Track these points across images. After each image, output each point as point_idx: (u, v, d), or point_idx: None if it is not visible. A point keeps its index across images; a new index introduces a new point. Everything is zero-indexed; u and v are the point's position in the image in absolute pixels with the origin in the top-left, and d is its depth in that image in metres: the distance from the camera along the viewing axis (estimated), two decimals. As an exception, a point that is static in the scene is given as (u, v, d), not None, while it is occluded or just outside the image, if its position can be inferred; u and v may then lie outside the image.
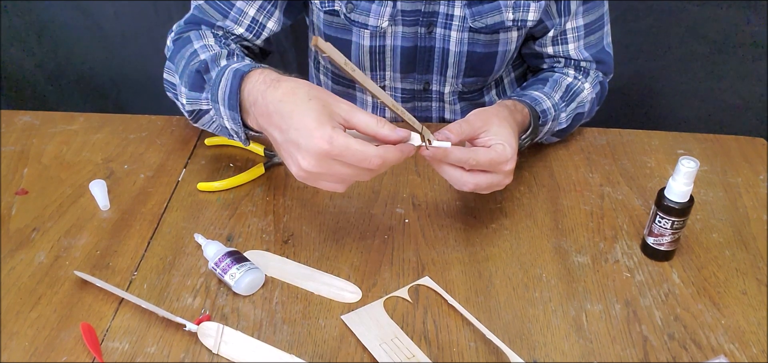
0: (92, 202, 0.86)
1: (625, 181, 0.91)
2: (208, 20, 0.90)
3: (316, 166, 0.64)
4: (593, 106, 0.99)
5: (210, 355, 0.67)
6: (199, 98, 0.81)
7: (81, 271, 0.75)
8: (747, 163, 0.94)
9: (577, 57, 0.97)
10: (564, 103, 0.92)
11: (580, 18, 0.94)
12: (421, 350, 0.67)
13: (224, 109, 0.74)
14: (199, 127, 0.88)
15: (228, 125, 0.75)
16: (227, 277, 0.72)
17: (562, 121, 0.92)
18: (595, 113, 1.01)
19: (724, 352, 0.68)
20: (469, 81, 1.00)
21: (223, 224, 0.83)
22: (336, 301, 0.73)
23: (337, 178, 0.66)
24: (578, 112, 0.95)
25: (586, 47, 0.96)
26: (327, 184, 0.67)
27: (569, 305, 0.73)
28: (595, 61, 0.97)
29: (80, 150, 0.96)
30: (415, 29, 0.94)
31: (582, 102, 0.95)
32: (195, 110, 0.83)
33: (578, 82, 0.96)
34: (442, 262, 0.78)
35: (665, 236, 0.76)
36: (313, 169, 0.64)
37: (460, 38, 0.94)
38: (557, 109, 0.91)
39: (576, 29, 0.95)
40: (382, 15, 0.91)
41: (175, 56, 0.86)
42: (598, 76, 0.98)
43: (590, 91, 0.96)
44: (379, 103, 1.08)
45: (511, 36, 0.95)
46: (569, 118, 0.93)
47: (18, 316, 0.71)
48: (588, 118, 0.99)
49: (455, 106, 1.04)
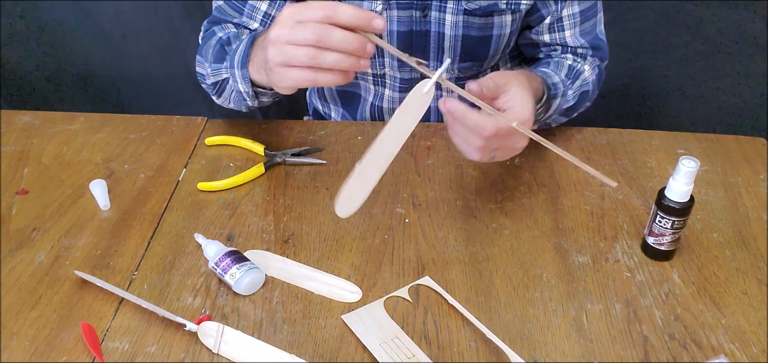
0: (92, 202, 0.86)
1: (626, 181, 0.91)
2: (227, 18, 0.95)
3: (281, 33, 0.67)
4: (595, 88, 1.00)
5: (210, 354, 0.67)
6: (220, 68, 0.88)
7: (81, 270, 0.75)
8: (747, 163, 0.94)
9: (573, 44, 0.98)
10: (570, 81, 0.94)
11: (576, 5, 0.95)
12: (421, 350, 0.67)
13: (238, 70, 0.80)
14: (223, 104, 0.93)
15: (241, 87, 0.81)
16: (227, 276, 0.72)
17: (570, 97, 0.93)
18: (596, 112, 1.01)
19: (724, 352, 0.68)
20: (465, 66, 1.01)
21: (223, 224, 0.83)
22: (336, 301, 0.73)
23: (299, 44, 0.67)
24: (583, 90, 0.96)
25: (581, 34, 0.97)
26: (293, 58, 0.67)
27: (570, 305, 0.73)
28: (591, 47, 0.99)
29: (80, 150, 0.96)
30: (410, 13, 0.95)
31: (585, 80, 0.96)
32: (218, 82, 0.89)
33: (578, 64, 0.97)
34: (442, 261, 0.78)
35: (665, 236, 0.76)
36: (278, 34, 0.67)
37: (455, 21, 0.95)
38: (565, 86, 0.92)
39: (572, 16, 0.96)
40: None
41: (203, 48, 0.93)
42: (595, 61, 1.00)
43: (590, 72, 0.97)
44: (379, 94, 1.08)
45: (506, 20, 0.96)
46: (576, 95, 0.94)
47: (18, 316, 0.71)
48: (590, 102, 1.00)
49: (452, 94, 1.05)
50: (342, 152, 0.95)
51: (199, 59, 0.94)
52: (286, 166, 0.92)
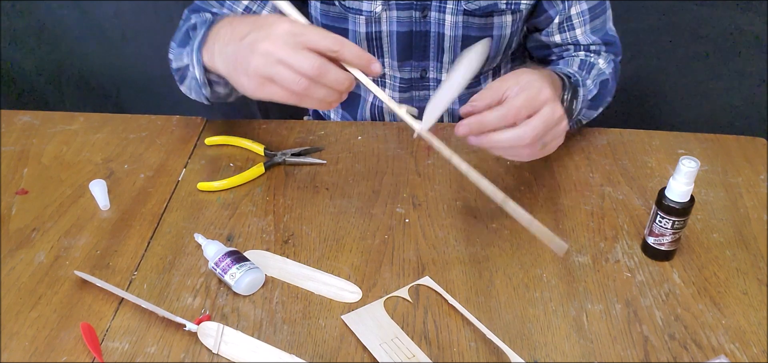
0: (92, 202, 0.86)
1: (626, 181, 0.91)
2: (207, 7, 0.93)
3: (276, 48, 0.64)
4: (613, 80, 0.97)
5: (210, 355, 0.67)
6: (181, 53, 0.83)
7: (81, 271, 0.75)
8: (747, 163, 0.94)
9: (585, 42, 0.97)
10: (585, 72, 0.92)
11: (584, 3, 0.95)
12: (421, 350, 0.67)
13: (196, 54, 0.76)
14: (187, 94, 0.90)
15: (197, 74, 0.77)
16: (227, 277, 0.72)
17: (591, 87, 0.91)
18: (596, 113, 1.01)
19: (724, 352, 0.68)
20: None
21: (223, 224, 0.83)
22: (336, 301, 0.73)
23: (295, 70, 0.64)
24: (602, 79, 0.93)
25: (592, 31, 0.97)
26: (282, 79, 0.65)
27: (570, 305, 0.73)
28: (603, 43, 0.98)
29: (80, 150, 0.96)
30: (409, 13, 0.94)
31: (601, 71, 0.94)
32: (180, 67, 0.85)
33: (590, 58, 0.96)
34: (442, 262, 0.78)
35: (666, 236, 0.75)
36: (274, 50, 0.64)
37: (455, 22, 0.94)
38: (582, 76, 0.90)
39: (581, 14, 0.95)
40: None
41: (176, 33, 0.89)
42: (610, 56, 0.99)
43: (605, 64, 0.95)
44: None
45: (506, 20, 0.96)
46: (595, 83, 0.92)
47: (18, 316, 0.71)
48: (610, 97, 0.98)
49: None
50: (342, 152, 0.95)
51: (171, 45, 0.91)
52: (286, 166, 0.92)
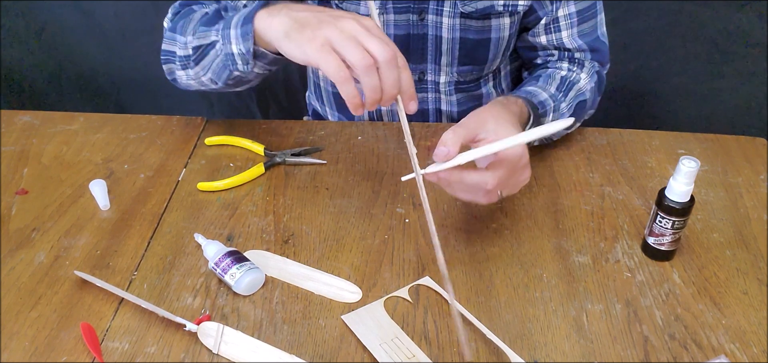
0: (92, 202, 0.86)
1: (626, 181, 0.91)
2: (200, 4, 0.91)
3: (357, 29, 0.65)
4: (594, 96, 0.97)
5: (210, 355, 0.67)
6: (208, 31, 0.82)
7: (81, 271, 0.75)
8: (747, 163, 0.94)
9: (570, 46, 0.96)
10: (561, 94, 0.91)
11: (572, 5, 0.94)
12: (421, 350, 0.67)
13: (235, 30, 0.76)
14: (192, 77, 0.88)
15: (234, 49, 0.77)
16: (227, 277, 0.72)
17: (564, 111, 0.91)
18: (596, 112, 1.01)
19: (724, 352, 0.68)
20: (464, 70, 1.00)
21: (223, 224, 0.83)
22: (336, 301, 0.73)
23: (366, 48, 0.65)
24: (579, 100, 0.93)
25: (580, 35, 0.96)
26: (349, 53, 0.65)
27: (570, 305, 0.73)
28: (589, 49, 0.97)
29: (80, 150, 0.96)
30: (406, 17, 0.94)
31: (580, 90, 0.93)
32: (201, 46, 0.83)
33: (573, 74, 0.95)
34: (442, 262, 0.78)
35: (666, 236, 0.75)
36: (354, 28, 0.65)
37: (452, 24, 0.94)
38: (556, 100, 0.89)
39: (569, 16, 0.95)
40: None
41: (178, 24, 0.87)
42: (594, 66, 0.97)
43: (587, 80, 0.95)
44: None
45: (504, 22, 0.95)
46: (570, 107, 0.91)
47: (18, 316, 0.71)
48: (592, 110, 0.98)
49: (451, 97, 1.04)
50: (342, 152, 0.95)
51: (169, 36, 0.88)
52: (286, 166, 0.92)
